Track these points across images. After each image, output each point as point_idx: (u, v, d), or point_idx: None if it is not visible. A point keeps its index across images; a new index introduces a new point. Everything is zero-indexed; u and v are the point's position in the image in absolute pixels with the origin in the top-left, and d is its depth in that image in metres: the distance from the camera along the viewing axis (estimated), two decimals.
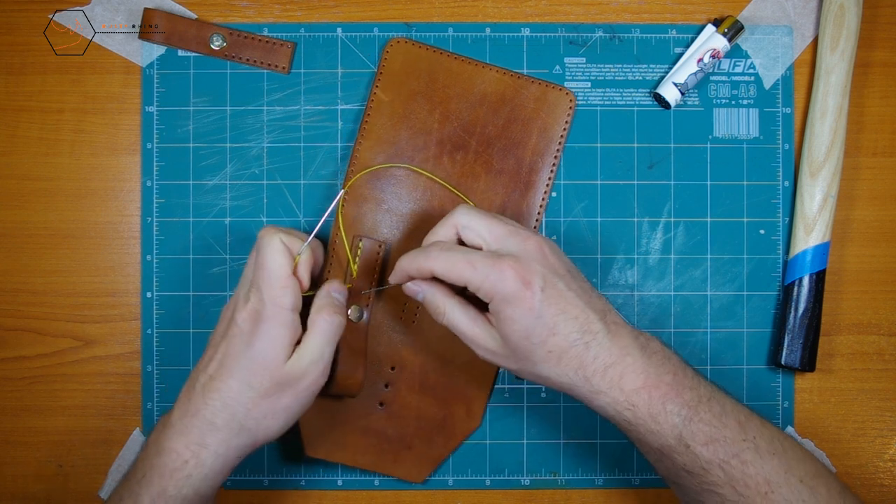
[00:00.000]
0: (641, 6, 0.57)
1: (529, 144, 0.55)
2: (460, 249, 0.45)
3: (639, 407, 0.43)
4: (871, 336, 0.57)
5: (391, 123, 0.55)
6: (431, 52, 0.55)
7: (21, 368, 0.56)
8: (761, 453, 0.43)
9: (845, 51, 0.54)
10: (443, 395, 0.54)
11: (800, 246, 0.55)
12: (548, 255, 0.45)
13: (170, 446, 0.44)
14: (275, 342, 0.45)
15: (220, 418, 0.44)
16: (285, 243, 0.46)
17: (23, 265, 0.56)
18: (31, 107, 0.56)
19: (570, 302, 0.44)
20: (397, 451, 0.54)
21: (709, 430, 0.43)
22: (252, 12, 0.57)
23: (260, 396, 0.45)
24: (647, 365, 0.43)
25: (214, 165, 0.56)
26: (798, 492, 0.42)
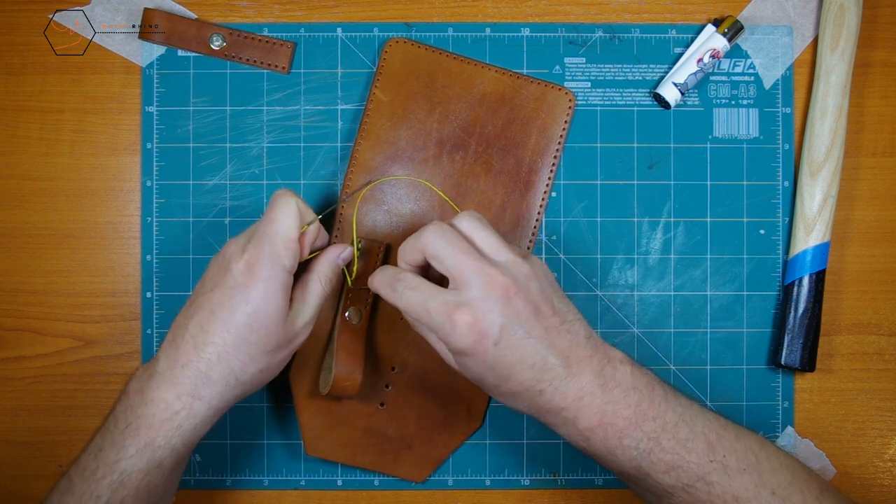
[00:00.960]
0: (641, 6, 0.57)
1: (529, 144, 0.55)
2: (423, 290, 0.43)
3: (593, 441, 0.43)
4: (871, 336, 0.57)
5: (391, 123, 0.55)
6: (430, 52, 0.55)
7: (21, 368, 0.56)
8: (730, 472, 0.42)
9: (845, 51, 0.54)
10: (444, 394, 0.54)
11: (800, 246, 0.55)
12: (512, 298, 0.42)
13: (159, 396, 0.43)
14: (274, 301, 0.44)
15: (216, 371, 0.43)
16: (300, 208, 0.46)
17: (23, 265, 0.56)
18: (31, 107, 0.56)
19: (527, 350, 0.42)
20: (398, 451, 0.54)
21: (671, 459, 0.42)
22: (252, 12, 0.57)
23: (259, 353, 0.44)
24: (605, 403, 0.42)
25: (214, 165, 0.56)
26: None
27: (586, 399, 0.42)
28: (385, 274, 0.46)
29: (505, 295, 0.42)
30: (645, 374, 0.44)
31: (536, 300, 0.43)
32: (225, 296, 0.44)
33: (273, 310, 0.44)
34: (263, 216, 0.46)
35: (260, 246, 0.44)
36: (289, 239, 0.44)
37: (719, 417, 0.45)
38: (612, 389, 0.43)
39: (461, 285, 0.42)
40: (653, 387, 0.44)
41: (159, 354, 0.45)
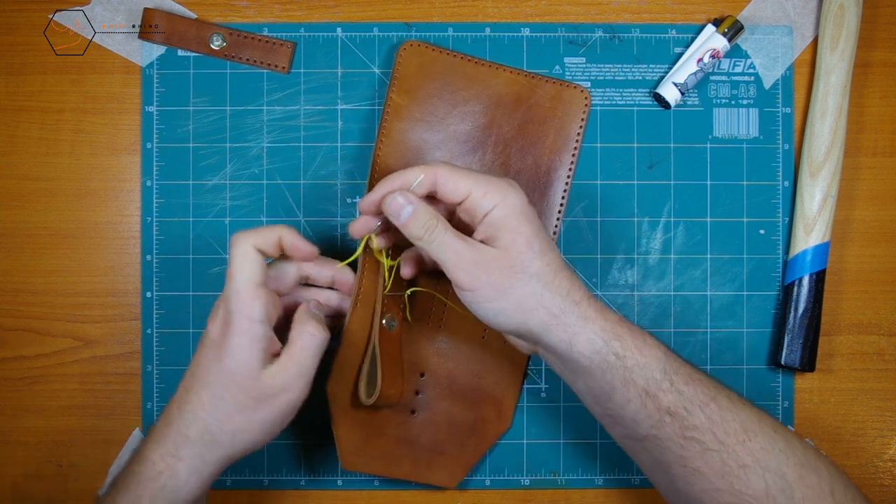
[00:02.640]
0: (641, 6, 0.57)
1: (547, 143, 0.55)
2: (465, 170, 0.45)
3: (625, 338, 0.43)
4: (871, 336, 0.57)
5: (409, 127, 0.54)
6: (445, 54, 0.55)
7: (21, 368, 0.56)
8: (734, 401, 0.43)
9: (845, 51, 0.54)
10: (472, 397, 0.54)
11: (800, 246, 0.55)
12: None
13: (147, 455, 0.43)
14: (244, 356, 0.43)
15: (193, 431, 0.43)
16: (258, 247, 0.44)
17: (23, 265, 0.56)
18: (31, 107, 0.56)
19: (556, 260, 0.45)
20: (431, 458, 0.53)
21: (686, 370, 0.43)
22: (252, 12, 0.57)
23: (234, 410, 0.43)
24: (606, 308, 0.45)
25: (214, 165, 0.56)
26: (773, 441, 0.42)
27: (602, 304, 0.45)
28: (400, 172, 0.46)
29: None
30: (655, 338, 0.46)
31: None
32: (202, 356, 0.44)
33: (243, 364, 0.43)
34: (226, 271, 0.44)
35: (227, 303, 0.43)
36: (251, 288, 0.43)
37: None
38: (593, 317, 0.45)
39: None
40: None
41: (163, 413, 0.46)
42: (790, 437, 0.43)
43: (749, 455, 0.42)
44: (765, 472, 0.41)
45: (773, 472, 0.41)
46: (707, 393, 0.43)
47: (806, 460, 0.42)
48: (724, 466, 0.42)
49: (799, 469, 0.42)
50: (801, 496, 0.41)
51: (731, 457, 0.42)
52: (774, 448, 0.42)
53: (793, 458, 0.42)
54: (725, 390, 0.44)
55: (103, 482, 0.55)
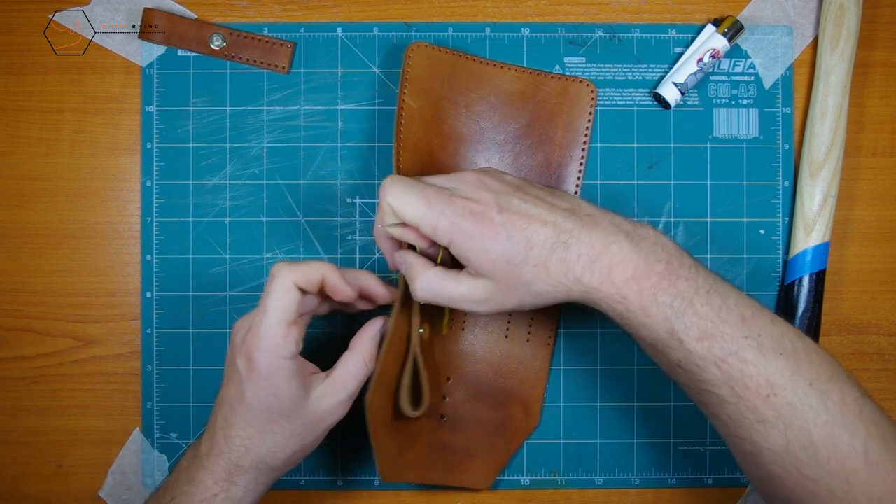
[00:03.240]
0: (641, 6, 0.57)
1: (556, 140, 0.55)
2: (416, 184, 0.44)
3: (630, 299, 0.41)
4: (871, 336, 0.57)
5: (423, 131, 0.53)
6: (451, 55, 0.54)
7: (21, 368, 0.56)
8: (765, 352, 0.39)
9: (845, 51, 0.54)
10: (499, 398, 0.54)
11: (800, 246, 0.55)
12: (489, 182, 0.44)
13: (199, 479, 0.44)
14: (284, 391, 0.43)
15: (247, 461, 0.44)
16: (298, 284, 0.43)
17: (23, 265, 0.56)
18: (31, 107, 0.56)
19: (531, 213, 0.42)
20: (463, 461, 0.53)
21: (704, 325, 0.40)
22: (252, 12, 0.57)
23: (286, 439, 0.44)
24: (635, 252, 0.41)
25: (214, 165, 0.56)
26: (805, 396, 0.39)
27: (614, 247, 0.41)
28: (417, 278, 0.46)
29: (479, 180, 0.44)
30: (671, 239, 0.43)
31: (514, 180, 0.45)
32: (238, 391, 0.44)
33: (286, 400, 0.43)
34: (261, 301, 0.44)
35: (256, 338, 0.43)
36: (282, 328, 0.43)
37: (753, 300, 0.42)
38: (639, 241, 0.41)
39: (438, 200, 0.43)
40: (681, 252, 0.42)
41: (203, 437, 0.46)
42: (828, 392, 0.39)
43: (771, 410, 0.39)
44: (787, 428, 0.39)
45: (797, 429, 0.39)
46: (728, 347, 0.39)
47: (841, 418, 0.39)
48: (742, 419, 0.40)
49: (829, 427, 0.38)
50: (826, 455, 0.38)
51: (749, 410, 0.39)
52: (804, 404, 0.39)
53: (824, 415, 0.39)
54: (759, 339, 0.40)
55: (103, 482, 0.55)
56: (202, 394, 0.56)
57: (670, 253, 0.42)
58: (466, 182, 0.44)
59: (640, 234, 0.42)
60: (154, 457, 0.55)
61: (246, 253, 0.56)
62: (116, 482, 0.55)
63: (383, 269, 0.56)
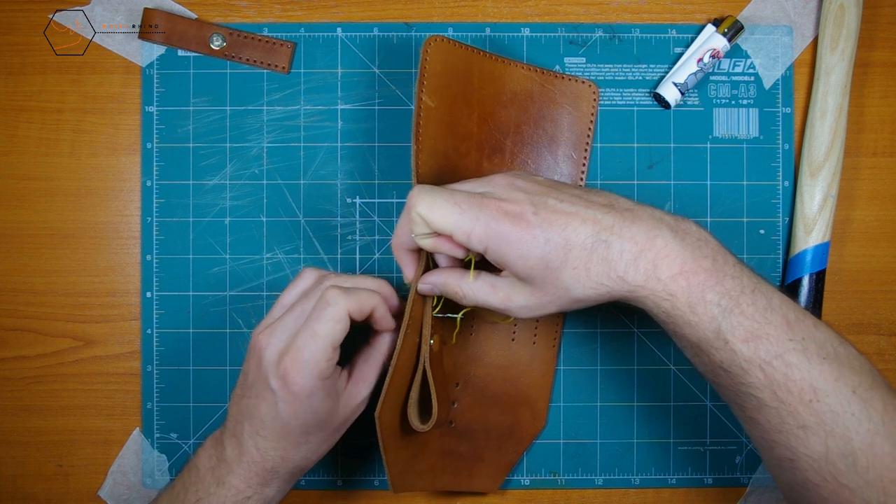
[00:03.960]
0: (641, 6, 0.57)
1: (561, 140, 0.54)
2: (444, 191, 0.42)
3: (677, 296, 0.39)
4: (871, 336, 0.57)
5: (440, 132, 0.50)
6: (466, 50, 0.52)
7: (21, 368, 0.56)
8: (809, 356, 0.38)
9: (845, 51, 0.54)
10: (507, 401, 0.54)
11: (800, 246, 0.55)
12: (521, 184, 0.43)
13: (230, 482, 0.45)
14: (322, 408, 0.44)
15: (283, 469, 0.45)
16: (351, 313, 0.43)
17: (23, 265, 0.56)
18: (31, 107, 0.56)
19: (568, 212, 0.41)
20: (472, 466, 0.53)
21: (750, 326, 0.39)
22: (252, 12, 0.57)
23: (319, 444, 0.46)
24: (682, 248, 0.40)
25: (214, 165, 0.56)
26: (847, 403, 0.38)
27: (659, 241, 0.40)
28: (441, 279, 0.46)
29: (511, 183, 0.43)
30: (712, 234, 0.42)
31: (545, 181, 0.44)
32: (271, 409, 0.44)
33: (322, 414, 0.44)
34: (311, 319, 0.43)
35: (298, 362, 0.42)
36: (329, 352, 0.43)
37: (795, 302, 0.41)
38: (684, 236, 0.40)
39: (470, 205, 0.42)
40: (724, 248, 0.41)
41: (224, 440, 0.46)
42: (871, 399, 0.38)
43: (813, 416, 0.38)
44: (828, 435, 0.38)
45: (837, 436, 0.38)
46: (773, 350, 0.38)
47: (883, 427, 0.38)
48: (782, 424, 0.39)
49: (870, 436, 0.38)
50: (865, 464, 0.37)
51: (790, 416, 0.38)
52: (846, 411, 0.38)
53: (866, 423, 0.38)
54: (803, 343, 0.39)
55: (103, 482, 0.55)
56: (202, 394, 0.56)
57: (714, 249, 0.41)
58: (497, 185, 0.43)
59: (683, 228, 0.41)
60: (154, 457, 0.55)
61: (246, 253, 0.56)
62: (116, 482, 0.55)
63: (383, 269, 0.56)
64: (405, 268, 0.47)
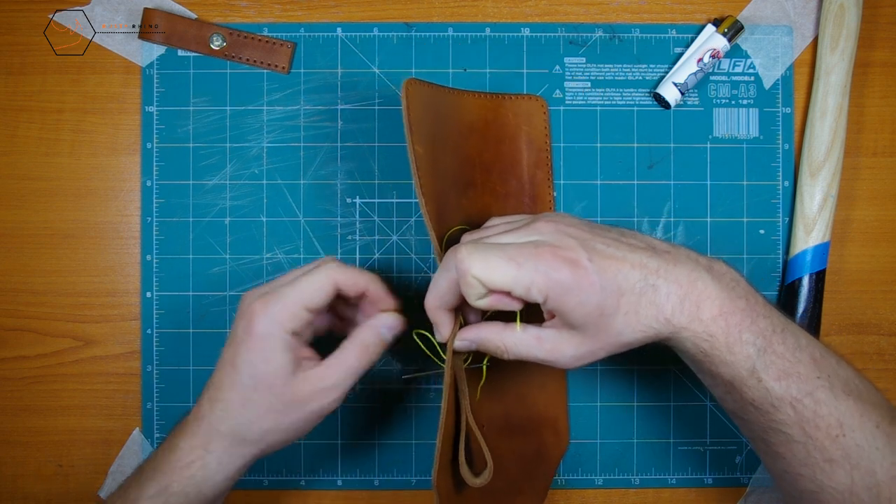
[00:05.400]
0: (641, 6, 0.57)
1: (523, 161, 0.54)
2: (495, 247, 0.41)
3: (717, 337, 0.40)
4: (871, 336, 0.57)
5: (432, 179, 0.49)
6: (431, 87, 0.51)
7: (21, 368, 0.56)
8: (836, 393, 0.40)
9: (845, 51, 0.54)
10: (530, 427, 0.53)
11: (800, 246, 0.55)
12: (565, 228, 0.42)
13: (178, 445, 0.44)
14: (273, 361, 0.43)
15: (224, 427, 0.44)
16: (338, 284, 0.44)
17: (23, 265, 0.56)
18: (31, 107, 0.56)
19: (617, 255, 0.41)
20: (512, 500, 0.52)
21: (782, 364, 0.40)
22: (252, 12, 0.57)
23: (264, 412, 0.44)
24: (720, 289, 0.41)
25: (214, 165, 0.56)
26: (873, 437, 0.40)
27: (700, 283, 0.41)
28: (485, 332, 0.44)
29: (556, 228, 0.42)
30: (740, 273, 0.43)
31: (585, 223, 0.43)
32: (231, 353, 0.44)
33: (273, 370, 0.43)
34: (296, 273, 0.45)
35: (265, 305, 0.43)
36: (298, 308, 0.43)
37: (819, 341, 0.42)
38: (720, 277, 0.41)
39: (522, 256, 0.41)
40: (753, 288, 0.43)
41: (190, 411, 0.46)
42: (893, 434, 0.40)
43: (839, 450, 0.40)
44: (853, 468, 0.39)
45: (862, 469, 0.39)
46: (803, 388, 0.40)
47: None
48: (809, 458, 0.40)
49: (894, 469, 0.39)
50: (888, 496, 0.39)
51: (817, 450, 0.40)
52: (871, 446, 0.40)
53: (890, 457, 0.39)
54: (829, 380, 0.40)
55: (103, 482, 0.55)
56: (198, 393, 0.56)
57: (746, 290, 0.42)
58: (545, 233, 0.42)
59: (717, 270, 0.42)
60: None
61: (246, 253, 0.56)
62: (116, 482, 0.55)
63: (383, 269, 0.56)
64: (441, 327, 0.45)
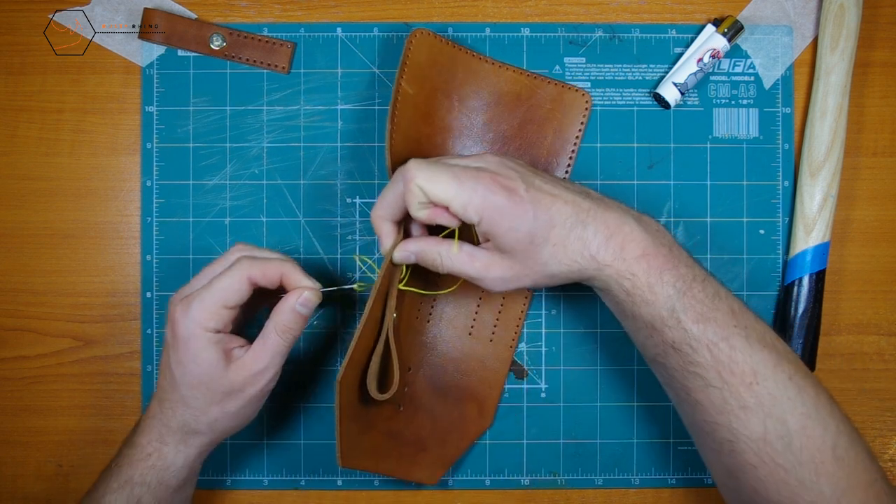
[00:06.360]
0: (641, 6, 0.57)
1: (545, 144, 0.55)
2: (441, 164, 0.45)
3: (638, 276, 0.43)
4: (871, 336, 0.57)
5: (415, 118, 0.52)
6: (452, 47, 0.54)
7: (21, 368, 0.56)
8: (751, 343, 0.42)
9: (845, 51, 0.54)
10: (456, 394, 0.54)
11: (800, 246, 0.55)
12: (510, 163, 0.45)
13: (136, 441, 0.47)
14: (202, 360, 0.45)
15: (174, 422, 0.47)
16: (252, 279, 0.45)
17: (23, 265, 0.56)
18: (31, 107, 0.56)
19: (553, 193, 0.44)
20: (414, 454, 0.53)
21: (700, 308, 0.43)
22: (252, 12, 0.57)
23: (207, 404, 0.46)
24: (645, 234, 0.44)
25: (214, 165, 0.56)
26: (785, 388, 0.42)
27: (626, 227, 0.44)
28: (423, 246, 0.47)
29: (501, 161, 0.46)
30: (670, 231, 0.46)
31: (527, 166, 0.47)
32: (166, 357, 0.47)
33: (204, 369, 0.45)
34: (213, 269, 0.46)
35: (186, 309, 0.45)
36: (216, 308, 0.45)
37: (740, 299, 0.45)
38: (646, 225, 0.45)
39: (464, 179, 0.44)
40: (678, 244, 0.45)
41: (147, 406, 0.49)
42: (805, 387, 0.42)
43: (753, 397, 0.41)
44: (766, 417, 0.41)
45: (775, 418, 0.41)
46: (719, 333, 0.42)
47: (815, 412, 0.42)
48: (725, 404, 0.42)
49: (804, 419, 0.41)
50: (799, 445, 0.41)
51: (732, 396, 0.42)
52: (783, 395, 0.41)
53: (801, 407, 0.41)
54: (745, 330, 0.43)
55: None
56: None
57: (671, 241, 0.45)
58: (489, 162, 0.45)
59: (645, 220, 0.45)
60: None
61: None
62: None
63: None
64: (383, 237, 0.48)
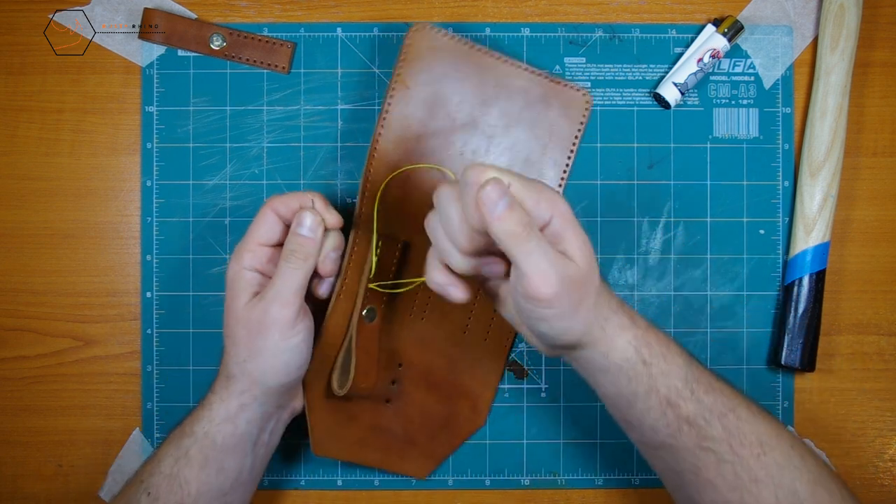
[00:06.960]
0: (641, 6, 0.57)
1: (542, 142, 0.54)
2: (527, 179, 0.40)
3: (653, 345, 0.42)
4: (871, 336, 0.57)
5: (410, 112, 0.53)
6: (452, 40, 0.53)
7: (21, 368, 0.56)
8: (753, 412, 0.43)
9: (845, 51, 0.54)
10: (448, 392, 0.54)
11: (800, 246, 0.55)
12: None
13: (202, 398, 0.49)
14: (237, 298, 0.47)
15: (222, 368, 0.48)
16: (278, 213, 0.48)
17: (23, 265, 0.56)
18: (31, 107, 0.56)
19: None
20: (402, 448, 0.54)
21: (707, 380, 0.43)
22: (252, 12, 0.57)
23: (238, 343, 0.47)
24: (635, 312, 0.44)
25: (214, 165, 0.56)
26: (789, 457, 0.42)
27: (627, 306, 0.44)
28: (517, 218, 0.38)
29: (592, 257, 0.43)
30: None
31: None
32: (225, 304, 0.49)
33: (239, 304, 0.47)
34: None
35: (234, 253, 0.48)
36: (255, 244, 0.47)
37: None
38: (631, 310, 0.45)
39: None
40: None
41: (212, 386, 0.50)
42: (806, 454, 0.43)
43: (763, 469, 0.41)
44: (777, 488, 0.41)
45: (785, 488, 0.41)
46: (726, 403, 0.42)
47: (820, 478, 0.42)
48: (737, 479, 0.41)
49: (812, 486, 0.42)
50: None
51: (744, 470, 0.41)
52: (790, 464, 0.42)
53: (807, 475, 0.42)
54: (745, 400, 0.43)
55: (103, 482, 0.55)
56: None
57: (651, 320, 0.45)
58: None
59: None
60: None
61: None
62: (116, 482, 0.55)
63: None
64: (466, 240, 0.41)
